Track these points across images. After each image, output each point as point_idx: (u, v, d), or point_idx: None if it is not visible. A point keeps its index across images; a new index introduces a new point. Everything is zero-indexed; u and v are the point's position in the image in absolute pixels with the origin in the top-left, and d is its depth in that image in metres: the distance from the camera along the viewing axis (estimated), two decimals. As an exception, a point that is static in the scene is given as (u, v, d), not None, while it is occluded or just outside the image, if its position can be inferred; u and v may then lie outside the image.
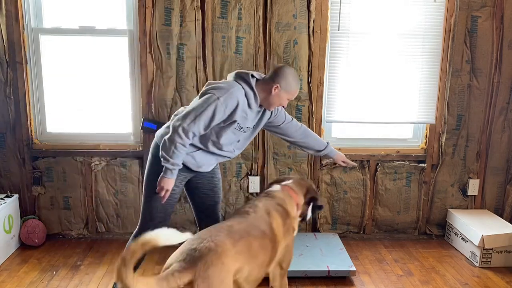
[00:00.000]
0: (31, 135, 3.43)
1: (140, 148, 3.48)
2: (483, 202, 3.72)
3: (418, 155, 3.62)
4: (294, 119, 2.70)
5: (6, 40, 3.25)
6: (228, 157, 2.51)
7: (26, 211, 3.50)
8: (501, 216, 3.66)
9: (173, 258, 1.78)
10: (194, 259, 1.71)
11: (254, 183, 3.53)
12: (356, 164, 2.97)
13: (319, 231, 3.65)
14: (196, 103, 2.28)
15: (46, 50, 3.39)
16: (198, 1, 3.27)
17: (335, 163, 3.52)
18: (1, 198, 3.30)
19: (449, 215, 3.65)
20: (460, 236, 3.46)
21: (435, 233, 3.73)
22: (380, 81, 3.46)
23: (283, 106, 2.46)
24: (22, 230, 3.38)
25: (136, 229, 2.53)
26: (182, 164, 2.32)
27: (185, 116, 2.26)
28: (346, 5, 3.32)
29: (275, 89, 2.34)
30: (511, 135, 3.61)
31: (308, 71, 3.40)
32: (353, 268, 2.97)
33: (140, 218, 2.50)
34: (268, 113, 2.51)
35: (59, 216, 3.54)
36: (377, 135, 3.66)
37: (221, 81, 2.43)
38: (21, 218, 3.44)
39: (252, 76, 2.36)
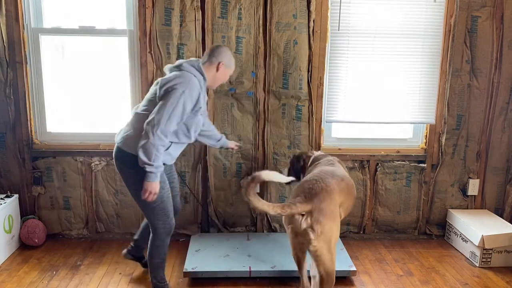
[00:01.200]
0: (31, 135, 3.43)
1: (140, 148, 3.48)
2: (483, 202, 3.72)
3: (418, 155, 3.62)
4: None
5: (6, 40, 3.25)
6: (191, 141, 2.67)
7: (26, 211, 3.50)
8: (501, 216, 3.66)
9: (295, 193, 2.37)
10: (312, 196, 2.29)
11: (254, 183, 3.52)
12: (240, 145, 3.28)
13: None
14: (165, 103, 2.35)
15: (46, 50, 3.39)
16: (198, 1, 3.27)
17: None
18: (1, 198, 3.30)
19: (449, 215, 3.65)
20: (460, 236, 3.46)
21: (435, 233, 3.73)
22: (380, 81, 3.46)
23: (224, 82, 2.71)
24: (22, 230, 3.38)
25: (155, 228, 2.59)
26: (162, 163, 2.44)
27: (159, 119, 2.33)
28: (346, 5, 3.32)
29: (220, 66, 2.58)
30: (511, 135, 3.62)
31: (308, 71, 3.40)
32: (353, 268, 2.97)
33: (157, 224, 2.56)
34: (205, 95, 2.68)
35: (59, 216, 3.54)
36: (377, 135, 3.66)
37: (171, 74, 2.49)
38: (21, 218, 3.44)
39: (199, 61, 2.56)
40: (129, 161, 2.44)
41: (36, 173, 3.46)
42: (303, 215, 2.26)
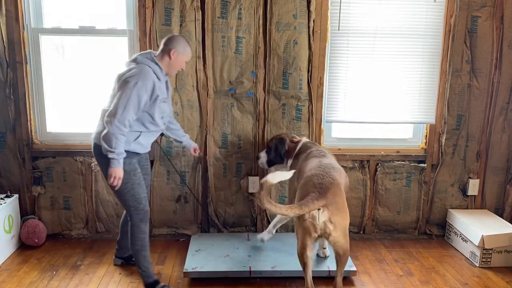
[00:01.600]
0: (31, 135, 3.43)
1: (140, 148, 3.48)
2: (483, 202, 3.72)
3: (418, 155, 3.62)
4: None
5: (6, 40, 3.25)
6: (161, 130, 2.85)
7: (26, 211, 3.50)
8: (501, 216, 3.66)
9: (304, 190, 2.49)
10: (324, 191, 2.41)
11: (254, 183, 3.53)
12: (199, 155, 3.35)
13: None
14: (120, 95, 2.53)
15: (46, 50, 3.39)
16: (198, 1, 3.27)
17: None
18: (1, 198, 3.30)
19: (449, 215, 3.65)
20: (460, 236, 3.46)
21: (435, 233, 3.73)
22: (380, 81, 3.46)
23: (182, 69, 2.81)
24: (22, 230, 3.38)
25: (130, 215, 2.76)
26: (132, 152, 2.66)
27: (115, 110, 2.52)
28: (346, 5, 3.32)
29: (173, 54, 2.69)
30: (511, 135, 3.62)
31: (308, 71, 3.40)
32: (353, 268, 2.97)
33: (129, 209, 2.74)
34: (168, 84, 2.84)
35: (59, 216, 3.54)
36: (377, 135, 3.66)
37: (127, 68, 2.65)
38: (21, 218, 3.44)
39: (153, 53, 2.70)
40: (101, 153, 2.61)
41: (36, 173, 3.46)
42: (318, 209, 2.38)
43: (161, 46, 2.73)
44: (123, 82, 2.56)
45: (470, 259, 3.32)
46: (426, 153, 3.61)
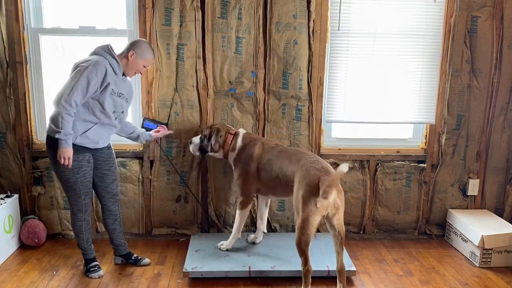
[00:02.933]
0: (31, 135, 3.43)
1: (140, 148, 3.48)
2: (483, 202, 3.72)
3: (418, 155, 3.62)
4: None
5: (6, 40, 3.25)
6: (115, 127, 2.91)
7: (26, 211, 3.50)
8: (501, 216, 3.66)
9: (311, 180, 2.58)
10: (328, 172, 2.60)
11: (254, 183, 3.52)
12: (171, 132, 3.37)
13: (319, 231, 3.64)
14: (69, 78, 2.63)
15: (46, 50, 3.39)
16: (198, 1, 3.27)
17: (335, 163, 3.52)
18: (1, 198, 3.30)
19: (449, 215, 3.65)
20: (460, 236, 3.46)
21: (435, 233, 3.73)
22: (380, 81, 3.46)
23: (140, 73, 2.89)
24: (22, 230, 3.38)
25: (69, 204, 2.91)
26: (81, 146, 2.73)
27: (63, 91, 2.60)
28: (346, 5, 3.32)
29: (131, 56, 2.78)
30: (511, 135, 3.62)
31: (308, 71, 3.40)
32: (353, 268, 2.97)
33: (69, 199, 2.88)
34: (130, 83, 2.94)
35: (59, 216, 3.54)
36: (377, 135, 3.66)
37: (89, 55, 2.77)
38: (21, 218, 3.44)
39: (110, 46, 2.76)
40: (49, 144, 2.72)
41: (36, 173, 3.46)
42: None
43: (125, 47, 2.85)
44: (75, 67, 2.67)
45: (470, 259, 3.32)
46: (426, 153, 3.61)
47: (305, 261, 2.63)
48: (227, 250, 3.17)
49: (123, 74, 2.87)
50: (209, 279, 2.92)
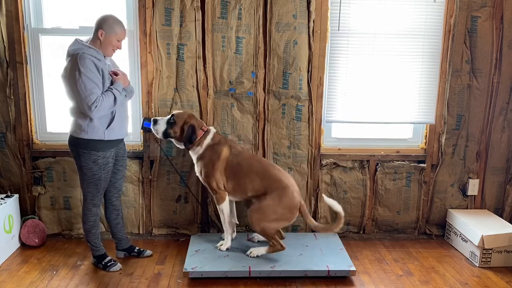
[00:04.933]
0: (31, 135, 3.44)
1: (140, 148, 3.48)
2: (483, 202, 3.72)
3: (418, 155, 3.62)
4: None
5: (6, 40, 3.25)
6: (125, 103, 3.00)
7: (26, 211, 3.51)
8: (501, 216, 3.66)
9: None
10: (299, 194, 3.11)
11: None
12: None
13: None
14: (76, 89, 2.67)
15: (46, 50, 3.39)
16: (198, 1, 3.27)
17: (335, 163, 3.54)
18: (1, 198, 3.30)
19: (449, 215, 3.65)
20: (460, 236, 3.46)
21: (435, 233, 3.73)
22: (380, 81, 3.47)
23: (118, 48, 2.85)
24: (22, 230, 3.38)
25: (84, 198, 2.96)
26: (109, 140, 2.83)
27: (83, 102, 2.67)
28: (346, 5, 3.32)
29: (101, 35, 2.75)
30: (511, 135, 3.62)
31: (308, 71, 3.40)
32: (353, 268, 2.97)
33: (87, 195, 2.92)
34: (113, 60, 2.97)
35: (59, 216, 3.54)
36: (377, 135, 3.66)
37: (65, 65, 2.78)
38: (21, 218, 3.45)
39: (79, 40, 2.78)
40: (74, 143, 2.83)
41: (36, 173, 3.46)
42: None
43: (93, 28, 2.81)
44: (69, 78, 2.69)
45: (470, 259, 3.32)
46: (426, 153, 3.61)
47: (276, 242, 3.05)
48: (227, 249, 3.17)
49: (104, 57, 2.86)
50: (209, 279, 2.92)
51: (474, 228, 3.27)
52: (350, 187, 3.61)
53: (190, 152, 3.16)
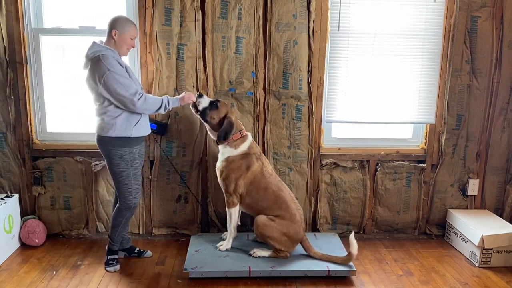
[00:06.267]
0: (31, 135, 3.44)
1: (140, 148, 3.48)
2: (483, 202, 3.72)
3: (418, 155, 3.62)
4: None
5: (6, 40, 3.25)
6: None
7: (26, 211, 3.51)
8: (501, 216, 3.66)
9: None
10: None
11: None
12: None
13: (319, 231, 3.65)
14: (112, 90, 2.71)
15: (46, 50, 3.39)
16: (198, 1, 3.27)
17: (335, 163, 3.54)
18: (1, 198, 3.30)
19: (449, 215, 3.65)
20: (460, 236, 3.46)
21: (435, 233, 3.73)
22: (380, 81, 3.47)
23: (132, 47, 2.91)
24: (22, 230, 3.38)
25: (119, 201, 2.97)
26: (136, 137, 2.88)
27: (123, 100, 2.73)
28: (346, 5, 3.32)
29: (115, 35, 2.80)
30: (511, 135, 3.62)
31: (308, 71, 3.40)
32: (353, 268, 2.97)
33: (121, 195, 2.93)
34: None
35: (59, 216, 3.54)
36: (377, 135, 3.66)
37: (88, 72, 2.79)
38: (21, 218, 3.45)
39: (95, 42, 2.81)
40: (102, 143, 2.86)
41: (36, 173, 3.46)
42: None
43: (106, 31, 2.84)
44: (100, 81, 2.71)
45: (470, 259, 3.32)
46: (426, 153, 3.61)
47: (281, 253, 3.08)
48: (226, 250, 3.17)
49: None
50: (209, 279, 2.92)
51: (474, 228, 3.27)
52: (350, 187, 3.61)
53: (220, 147, 3.13)
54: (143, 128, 2.94)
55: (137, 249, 3.27)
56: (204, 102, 3.06)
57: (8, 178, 3.47)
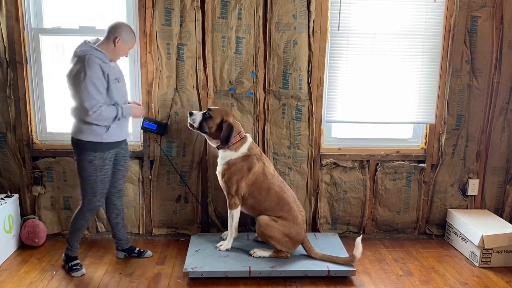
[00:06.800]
0: (31, 135, 3.44)
1: (140, 148, 3.48)
2: (483, 202, 3.72)
3: (418, 155, 3.62)
4: None
5: (6, 40, 3.25)
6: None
7: (26, 211, 3.51)
8: (501, 216, 3.66)
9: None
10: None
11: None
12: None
13: (319, 231, 3.65)
14: (78, 91, 2.69)
15: (46, 50, 3.39)
16: (198, 1, 3.27)
17: (335, 163, 3.54)
18: (1, 198, 3.30)
19: (449, 215, 3.65)
20: (460, 236, 3.46)
21: (435, 233, 3.73)
22: (380, 81, 3.47)
23: (125, 56, 2.93)
24: (22, 230, 3.38)
25: (82, 201, 2.94)
26: (109, 143, 2.84)
27: (82, 106, 2.69)
28: (346, 5, 3.32)
29: (117, 42, 2.79)
30: (511, 135, 3.62)
31: (308, 71, 3.40)
32: (353, 268, 2.97)
33: (85, 196, 2.91)
34: (117, 65, 2.94)
35: (59, 216, 3.54)
36: (377, 135, 3.66)
37: (71, 66, 2.76)
38: (21, 218, 3.45)
39: (87, 41, 2.79)
40: (76, 144, 2.84)
41: (36, 173, 3.46)
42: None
43: (106, 33, 2.82)
44: (74, 78, 2.70)
45: (470, 259, 3.32)
46: (426, 153, 3.61)
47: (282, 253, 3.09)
48: (226, 250, 3.17)
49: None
50: (209, 279, 2.92)
51: (474, 228, 3.27)
52: (350, 187, 3.61)
53: (221, 152, 3.12)
54: (117, 134, 2.89)
55: (137, 249, 3.27)
56: (197, 117, 3.08)
57: (8, 178, 3.47)
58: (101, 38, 2.85)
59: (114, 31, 2.79)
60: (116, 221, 3.17)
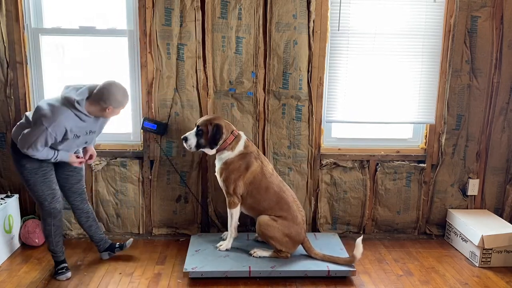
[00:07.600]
0: (31, 135, 3.43)
1: (140, 148, 3.48)
2: (483, 202, 3.72)
3: (418, 155, 3.62)
4: None
5: (6, 40, 3.25)
6: (80, 150, 2.97)
7: (26, 211, 3.51)
8: (501, 216, 3.66)
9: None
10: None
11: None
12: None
13: (319, 231, 3.65)
14: (32, 131, 2.57)
15: (46, 50, 3.39)
16: (198, 1, 3.27)
17: (335, 163, 3.54)
18: (1, 198, 3.30)
19: (449, 215, 3.65)
20: (460, 236, 3.46)
21: (435, 233, 3.73)
22: (380, 81, 3.47)
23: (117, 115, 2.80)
24: (22, 230, 3.38)
25: (41, 213, 2.88)
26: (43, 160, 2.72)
27: (22, 143, 2.59)
28: (346, 5, 3.32)
29: (108, 110, 2.68)
30: (511, 135, 3.62)
31: (308, 71, 3.40)
32: (353, 268, 2.97)
33: (37, 202, 2.86)
34: (100, 119, 2.82)
35: (59, 216, 3.54)
36: (377, 135, 3.66)
37: (46, 107, 2.59)
38: (21, 218, 3.45)
39: (78, 102, 2.61)
40: (13, 150, 2.75)
41: (36, 173, 3.46)
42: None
43: (96, 95, 2.64)
44: (39, 117, 2.56)
45: (470, 259, 3.32)
46: (426, 153, 3.61)
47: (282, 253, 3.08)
48: (226, 250, 3.17)
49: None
50: (209, 279, 2.92)
51: (474, 228, 3.27)
52: (350, 187, 3.61)
53: (218, 156, 3.10)
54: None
55: (118, 243, 3.23)
56: (192, 138, 3.05)
57: (8, 178, 3.47)
58: (94, 88, 2.68)
59: (106, 100, 2.63)
60: (88, 225, 3.11)
